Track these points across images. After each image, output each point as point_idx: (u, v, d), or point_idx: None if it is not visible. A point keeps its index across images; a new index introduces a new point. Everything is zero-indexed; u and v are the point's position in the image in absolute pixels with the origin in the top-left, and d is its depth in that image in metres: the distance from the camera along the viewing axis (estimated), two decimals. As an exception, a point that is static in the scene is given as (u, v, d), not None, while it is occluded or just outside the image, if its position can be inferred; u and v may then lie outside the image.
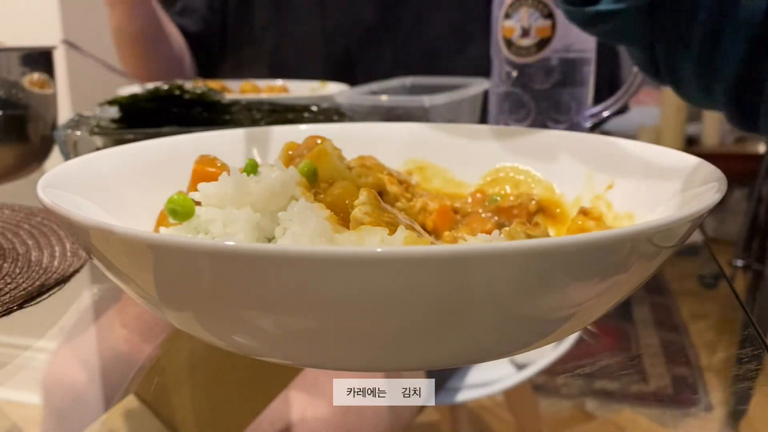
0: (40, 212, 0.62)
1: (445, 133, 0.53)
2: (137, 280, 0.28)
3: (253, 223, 0.33)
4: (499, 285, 0.24)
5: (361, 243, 0.32)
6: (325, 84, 1.10)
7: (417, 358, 0.28)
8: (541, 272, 0.24)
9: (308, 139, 0.44)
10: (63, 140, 0.63)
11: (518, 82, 0.70)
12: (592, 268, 0.25)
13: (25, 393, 0.46)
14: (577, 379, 0.51)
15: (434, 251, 0.23)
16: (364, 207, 0.35)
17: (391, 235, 0.32)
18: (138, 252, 0.26)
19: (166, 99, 0.65)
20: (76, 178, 0.38)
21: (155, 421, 0.42)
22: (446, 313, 0.25)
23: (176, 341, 0.49)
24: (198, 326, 0.28)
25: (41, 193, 0.32)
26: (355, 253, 0.22)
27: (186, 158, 0.44)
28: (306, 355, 0.29)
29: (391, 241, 0.31)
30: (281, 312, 0.25)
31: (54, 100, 0.79)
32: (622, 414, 0.48)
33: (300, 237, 0.32)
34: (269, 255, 0.23)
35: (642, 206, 0.40)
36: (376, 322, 0.25)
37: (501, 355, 0.32)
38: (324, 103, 0.78)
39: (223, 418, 0.46)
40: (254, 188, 0.35)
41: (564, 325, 0.28)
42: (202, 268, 0.24)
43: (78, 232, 0.29)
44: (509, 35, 0.69)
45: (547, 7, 0.67)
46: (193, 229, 0.33)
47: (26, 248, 0.54)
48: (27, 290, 0.46)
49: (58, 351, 0.51)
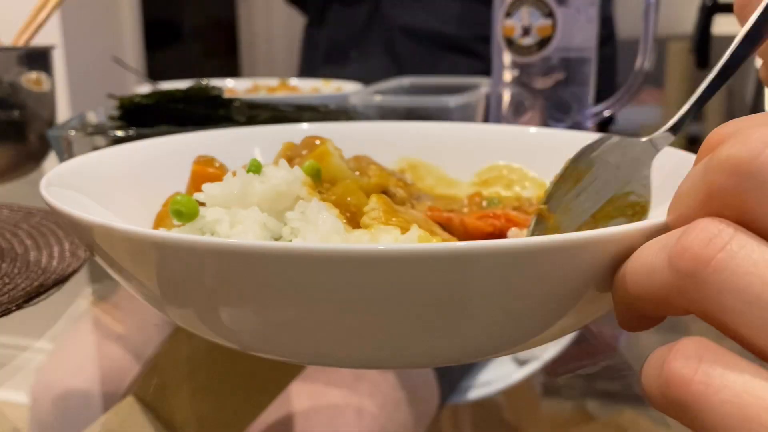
0: (38, 212, 0.62)
1: (438, 132, 0.53)
2: (142, 278, 0.28)
3: (261, 223, 0.33)
4: (501, 282, 0.24)
5: (374, 242, 0.32)
6: (328, 82, 1.10)
7: (421, 354, 0.28)
8: (541, 271, 0.24)
9: (306, 139, 0.43)
10: (56, 140, 0.62)
11: (519, 81, 0.69)
12: (595, 266, 0.25)
13: (23, 394, 0.46)
14: (579, 380, 0.51)
15: (442, 248, 0.23)
16: (374, 212, 0.34)
17: (404, 234, 0.32)
18: (143, 250, 0.26)
19: (164, 96, 0.65)
20: (78, 177, 0.38)
21: (155, 421, 0.42)
22: (454, 309, 0.25)
23: (176, 342, 0.49)
24: (200, 323, 0.28)
25: (44, 192, 0.32)
26: (383, 250, 0.23)
27: (188, 157, 0.44)
28: (309, 352, 0.29)
29: (405, 240, 0.31)
30: (290, 309, 0.25)
31: (52, 99, 0.79)
32: (623, 414, 0.48)
33: (317, 235, 0.32)
34: (294, 253, 0.23)
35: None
36: (383, 318, 0.25)
37: (503, 352, 0.31)
38: (332, 103, 0.77)
39: (223, 418, 0.45)
40: (260, 188, 0.35)
41: (568, 323, 0.28)
42: (216, 266, 0.24)
43: (81, 231, 0.29)
44: (510, 34, 0.69)
45: (547, 6, 0.67)
46: (198, 230, 0.33)
47: (25, 248, 0.54)
48: (25, 291, 0.46)
49: (49, 358, 0.51)
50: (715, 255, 0.20)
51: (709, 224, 0.20)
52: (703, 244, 0.20)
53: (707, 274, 0.20)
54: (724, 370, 0.19)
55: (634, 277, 0.23)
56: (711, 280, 0.20)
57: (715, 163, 0.21)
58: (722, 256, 0.19)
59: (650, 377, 0.21)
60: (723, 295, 0.19)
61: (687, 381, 0.19)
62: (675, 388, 0.20)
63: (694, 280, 0.20)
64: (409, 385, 0.57)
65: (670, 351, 0.20)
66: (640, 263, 0.23)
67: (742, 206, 0.20)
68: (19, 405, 0.45)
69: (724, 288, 0.19)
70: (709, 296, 0.20)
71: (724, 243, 0.20)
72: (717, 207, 0.21)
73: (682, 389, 0.19)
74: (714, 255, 0.20)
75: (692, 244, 0.20)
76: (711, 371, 0.19)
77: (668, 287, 0.21)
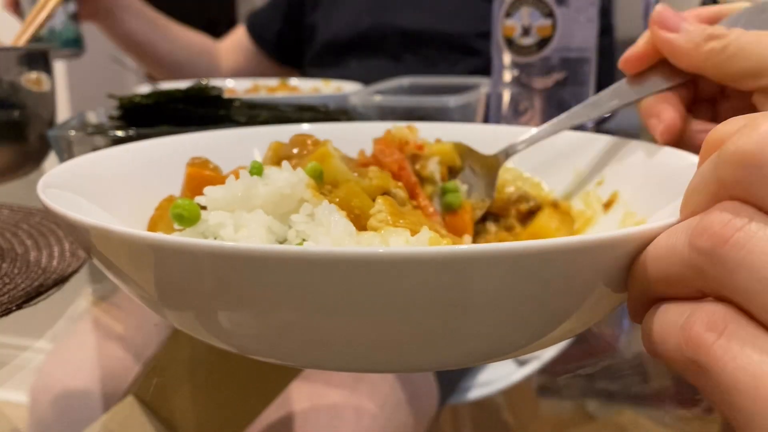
0: (38, 212, 0.62)
1: (431, 132, 0.53)
2: (140, 281, 0.28)
3: (266, 226, 0.33)
4: (501, 286, 0.24)
5: (385, 244, 0.31)
6: (328, 82, 1.10)
7: (422, 358, 0.28)
8: (540, 273, 0.24)
9: (294, 137, 0.43)
10: (56, 140, 0.62)
11: (519, 81, 0.69)
12: (597, 268, 0.25)
13: (23, 394, 0.46)
14: (579, 380, 0.51)
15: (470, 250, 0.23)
16: (381, 215, 0.34)
17: (414, 236, 0.32)
18: (141, 253, 0.26)
19: (164, 96, 0.65)
20: (77, 178, 0.38)
21: (155, 421, 0.42)
22: (469, 312, 0.25)
23: (176, 342, 0.49)
24: (198, 326, 0.28)
25: (42, 194, 0.32)
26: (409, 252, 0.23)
27: (187, 158, 0.43)
28: (308, 356, 0.29)
29: (416, 241, 0.31)
30: (295, 313, 0.25)
31: (52, 99, 0.79)
32: (623, 415, 0.48)
33: (329, 238, 0.31)
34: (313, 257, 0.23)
35: (643, 207, 0.40)
36: (384, 322, 0.25)
37: (504, 355, 0.31)
38: (332, 103, 0.77)
39: (223, 418, 0.45)
40: (263, 191, 0.34)
41: (570, 325, 0.28)
42: (226, 271, 0.24)
43: (79, 233, 0.28)
44: (510, 34, 0.69)
45: (547, 7, 0.67)
46: (200, 234, 0.33)
47: (25, 248, 0.54)
48: (25, 291, 0.46)
49: (49, 358, 0.51)
50: (733, 234, 0.20)
51: (729, 206, 0.21)
52: (722, 224, 0.21)
53: (725, 251, 0.20)
54: (745, 339, 0.20)
55: (653, 259, 0.24)
56: (728, 258, 0.20)
57: (725, 157, 0.21)
58: (740, 235, 0.20)
59: (668, 332, 0.22)
60: (739, 272, 0.20)
61: (709, 343, 0.20)
62: (695, 348, 0.20)
63: (711, 257, 0.21)
64: (409, 385, 0.57)
65: (695, 311, 0.21)
66: (660, 245, 0.24)
67: (753, 197, 0.21)
68: (19, 405, 0.45)
69: (741, 266, 0.20)
70: (726, 274, 0.20)
71: (743, 224, 0.20)
72: (727, 199, 0.22)
73: (702, 350, 0.20)
74: (732, 234, 0.20)
75: (712, 223, 0.21)
76: (733, 339, 0.20)
77: (686, 266, 0.22)
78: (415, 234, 0.32)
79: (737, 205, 0.21)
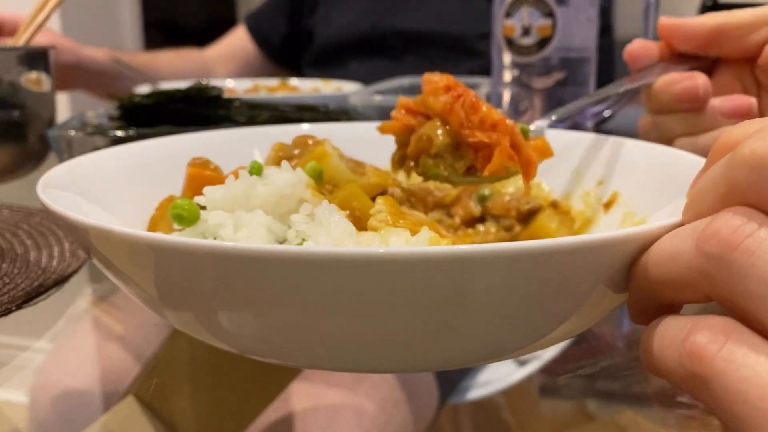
0: (38, 212, 0.62)
1: None
2: (139, 281, 0.28)
3: (266, 226, 0.33)
4: (501, 286, 0.24)
5: (385, 244, 0.31)
6: (328, 82, 1.10)
7: (422, 358, 0.28)
8: (541, 274, 0.24)
9: (297, 138, 0.43)
10: (56, 140, 0.62)
11: (519, 81, 0.69)
12: (597, 269, 0.25)
13: (23, 394, 0.46)
14: (579, 380, 0.51)
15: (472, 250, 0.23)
16: (381, 214, 0.34)
17: (414, 236, 0.32)
18: (141, 253, 0.26)
19: (164, 96, 0.65)
20: (77, 178, 0.38)
21: (155, 421, 0.42)
22: (469, 312, 0.25)
23: (176, 342, 0.49)
24: (198, 327, 0.28)
25: (41, 194, 0.31)
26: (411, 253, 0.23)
27: (187, 158, 0.43)
28: (308, 356, 0.29)
29: (416, 241, 0.31)
30: (295, 314, 0.25)
31: (52, 99, 0.78)
32: (623, 415, 0.48)
33: (329, 239, 0.31)
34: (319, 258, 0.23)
35: (644, 207, 0.40)
36: (384, 322, 0.25)
37: (504, 356, 0.31)
38: (332, 103, 0.77)
39: (223, 418, 0.45)
40: (263, 191, 0.34)
41: (569, 326, 0.28)
42: (225, 271, 0.24)
43: (78, 233, 0.28)
44: (510, 34, 0.69)
45: (547, 7, 0.67)
46: (199, 234, 0.33)
47: (25, 248, 0.54)
48: (25, 291, 0.46)
49: (49, 358, 0.51)
50: (743, 240, 0.20)
51: (739, 211, 0.21)
52: (731, 230, 0.20)
53: (734, 258, 0.20)
54: (748, 350, 0.19)
55: (656, 262, 0.24)
56: (737, 264, 0.20)
57: (739, 159, 0.21)
58: (750, 242, 0.20)
59: (668, 347, 0.22)
60: (747, 279, 0.20)
61: (711, 356, 0.20)
62: (697, 361, 0.20)
63: (719, 263, 0.20)
64: (409, 385, 0.57)
65: (696, 325, 0.21)
66: (664, 247, 0.23)
67: (765, 202, 0.21)
68: (19, 405, 0.45)
69: (750, 273, 0.20)
70: (734, 280, 0.20)
71: (753, 230, 0.20)
72: (737, 203, 0.21)
73: (704, 363, 0.20)
74: (742, 240, 0.20)
75: (721, 229, 0.21)
76: (735, 349, 0.20)
77: (692, 270, 0.22)
78: (415, 234, 0.32)
79: (747, 210, 0.21)
